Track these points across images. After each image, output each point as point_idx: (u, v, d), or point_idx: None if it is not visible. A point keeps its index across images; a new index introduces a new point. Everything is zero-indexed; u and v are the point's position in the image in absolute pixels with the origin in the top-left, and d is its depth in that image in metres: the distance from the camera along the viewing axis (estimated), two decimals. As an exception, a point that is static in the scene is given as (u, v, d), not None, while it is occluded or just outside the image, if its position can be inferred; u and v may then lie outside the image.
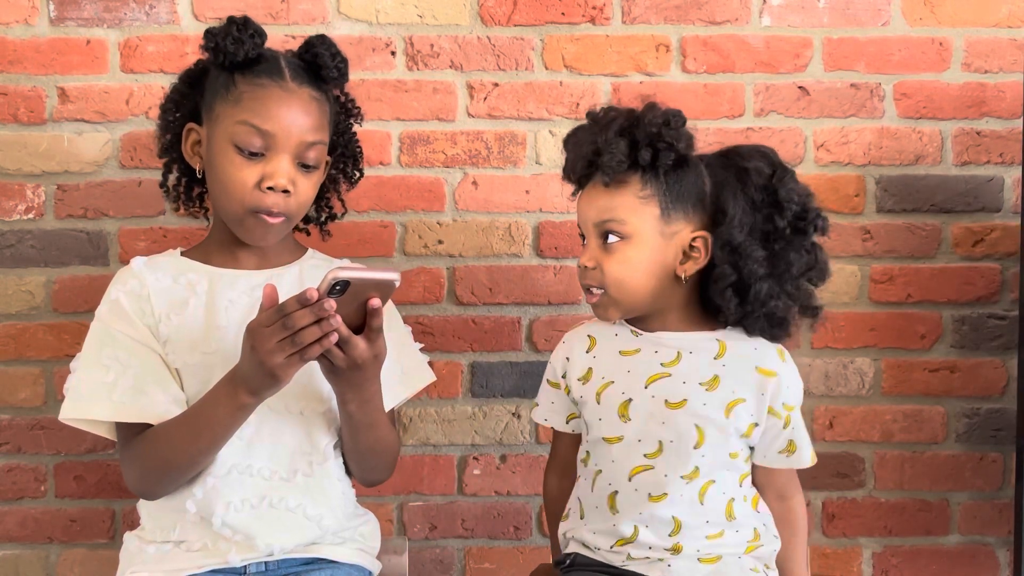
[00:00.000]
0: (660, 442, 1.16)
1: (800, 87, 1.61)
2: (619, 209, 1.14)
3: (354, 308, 1.03)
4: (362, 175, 1.35)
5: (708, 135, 1.60)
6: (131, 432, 1.16)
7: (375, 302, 1.03)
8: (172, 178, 1.29)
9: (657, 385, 1.17)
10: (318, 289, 1.00)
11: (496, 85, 1.60)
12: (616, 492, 1.18)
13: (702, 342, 1.18)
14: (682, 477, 1.15)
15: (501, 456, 1.64)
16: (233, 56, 1.16)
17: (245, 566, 1.16)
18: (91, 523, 1.61)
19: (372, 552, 1.27)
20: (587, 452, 1.23)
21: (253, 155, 1.15)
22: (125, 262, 1.55)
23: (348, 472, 1.26)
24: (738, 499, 1.18)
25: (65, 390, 1.18)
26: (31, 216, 1.58)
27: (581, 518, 1.22)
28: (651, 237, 1.14)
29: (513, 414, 1.63)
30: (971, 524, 1.66)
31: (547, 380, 1.28)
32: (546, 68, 1.60)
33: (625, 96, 1.60)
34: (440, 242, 1.61)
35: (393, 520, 1.64)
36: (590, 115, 1.21)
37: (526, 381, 1.61)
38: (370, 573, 1.24)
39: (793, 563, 1.23)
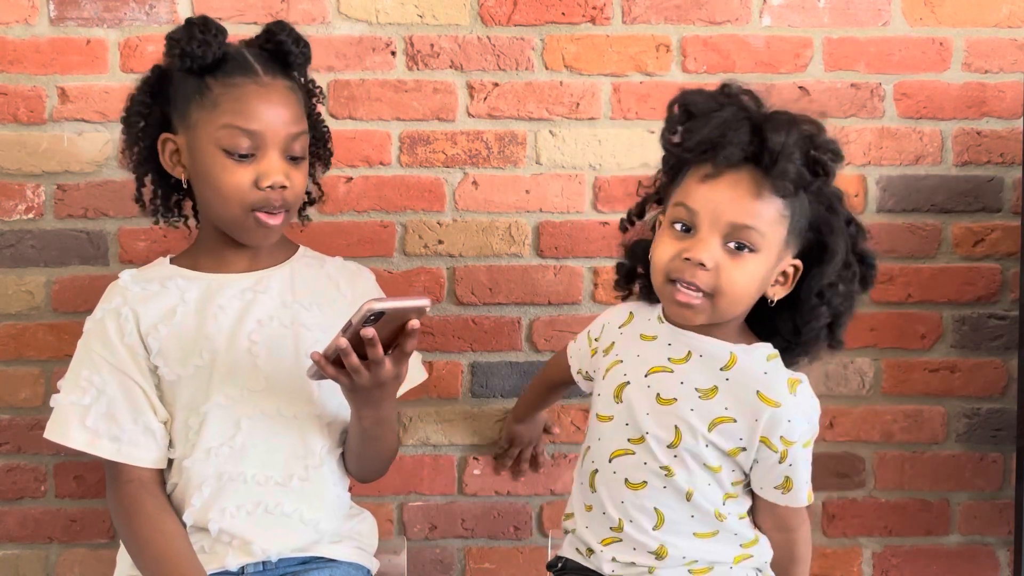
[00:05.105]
0: (643, 433, 1.14)
1: (800, 87, 1.61)
2: (763, 221, 1.07)
3: (389, 331, 1.06)
4: (332, 154, 1.35)
5: (708, 135, 1.60)
6: (114, 469, 1.17)
7: (414, 323, 1.05)
8: (147, 191, 1.26)
9: (655, 378, 1.15)
10: (351, 320, 1.02)
11: (496, 85, 1.60)
12: (596, 471, 1.18)
13: (716, 348, 1.14)
14: (661, 468, 1.13)
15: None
16: (202, 59, 1.13)
17: (242, 567, 1.16)
18: (91, 523, 1.60)
19: (370, 550, 1.27)
20: (586, 433, 1.24)
21: (243, 157, 1.14)
22: (125, 262, 1.57)
23: (345, 472, 1.26)
24: (725, 512, 1.15)
25: (51, 405, 1.18)
26: (31, 216, 1.58)
27: (584, 510, 1.20)
28: (772, 257, 1.09)
29: (513, 414, 1.63)
30: (971, 524, 1.65)
31: (587, 331, 1.29)
32: (546, 68, 1.60)
33: (625, 96, 1.60)
34: (440, 242, 1.61)
35: (393, 520, 1.64)
36: (738, 94, 1.12)
37: (526, 381, 1.61)
38: (368, 571, 1.24)
39: None
